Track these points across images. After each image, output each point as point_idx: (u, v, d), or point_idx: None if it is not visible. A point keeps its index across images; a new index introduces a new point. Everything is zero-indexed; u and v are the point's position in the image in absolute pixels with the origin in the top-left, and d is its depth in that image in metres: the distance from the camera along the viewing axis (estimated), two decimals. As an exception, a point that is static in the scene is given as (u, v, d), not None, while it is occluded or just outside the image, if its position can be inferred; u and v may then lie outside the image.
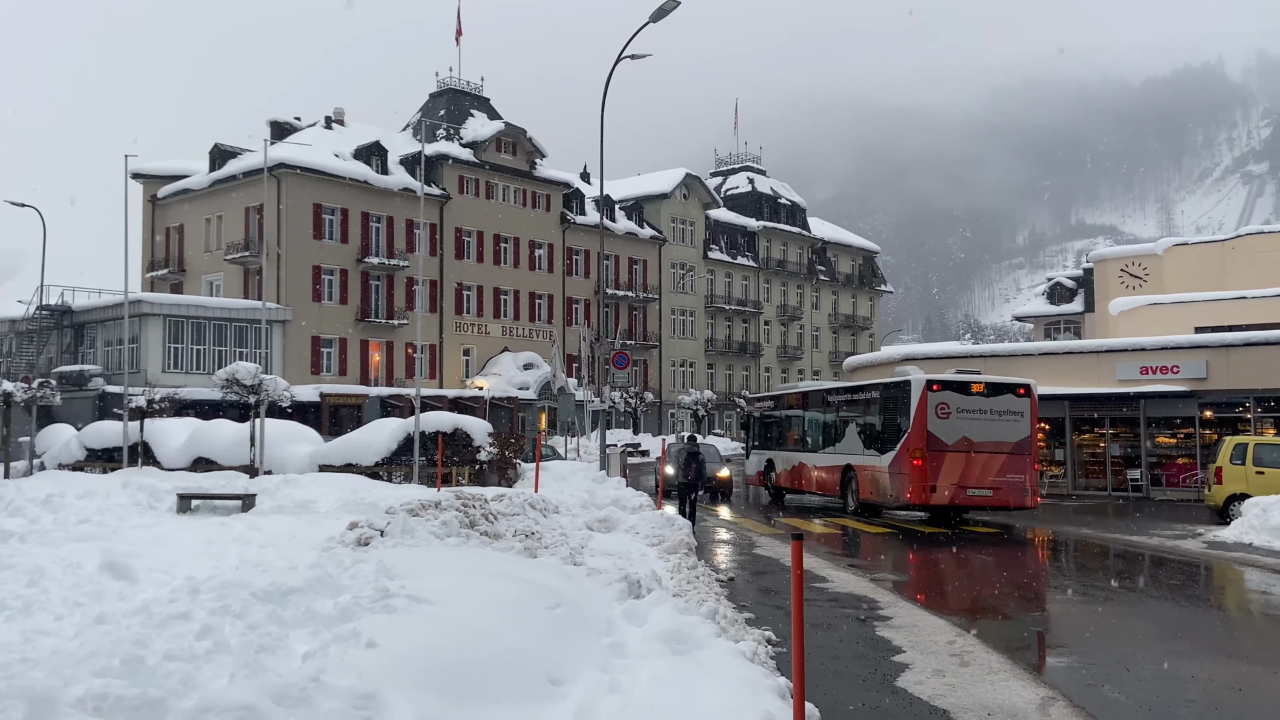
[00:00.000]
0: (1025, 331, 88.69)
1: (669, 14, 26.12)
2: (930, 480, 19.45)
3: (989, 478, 19.62)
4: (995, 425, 19.90)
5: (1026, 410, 20.14)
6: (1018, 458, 19.86)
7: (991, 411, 19.97)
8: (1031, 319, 69.19)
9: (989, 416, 19.92)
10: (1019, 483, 19.77)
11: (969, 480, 19.54)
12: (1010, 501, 19.85)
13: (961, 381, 20.37)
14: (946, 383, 20.28)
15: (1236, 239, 44.22)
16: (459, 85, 60.00)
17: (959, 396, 19.95)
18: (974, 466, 19.59)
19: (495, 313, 57.69)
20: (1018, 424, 20.02)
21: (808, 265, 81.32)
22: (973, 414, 19.85)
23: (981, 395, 20.06)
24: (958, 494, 19.55)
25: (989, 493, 19.65)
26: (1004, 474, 19.72)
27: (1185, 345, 29.10)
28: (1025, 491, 19.85)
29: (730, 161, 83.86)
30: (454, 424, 24.96)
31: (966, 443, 19.66)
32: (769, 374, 77.42)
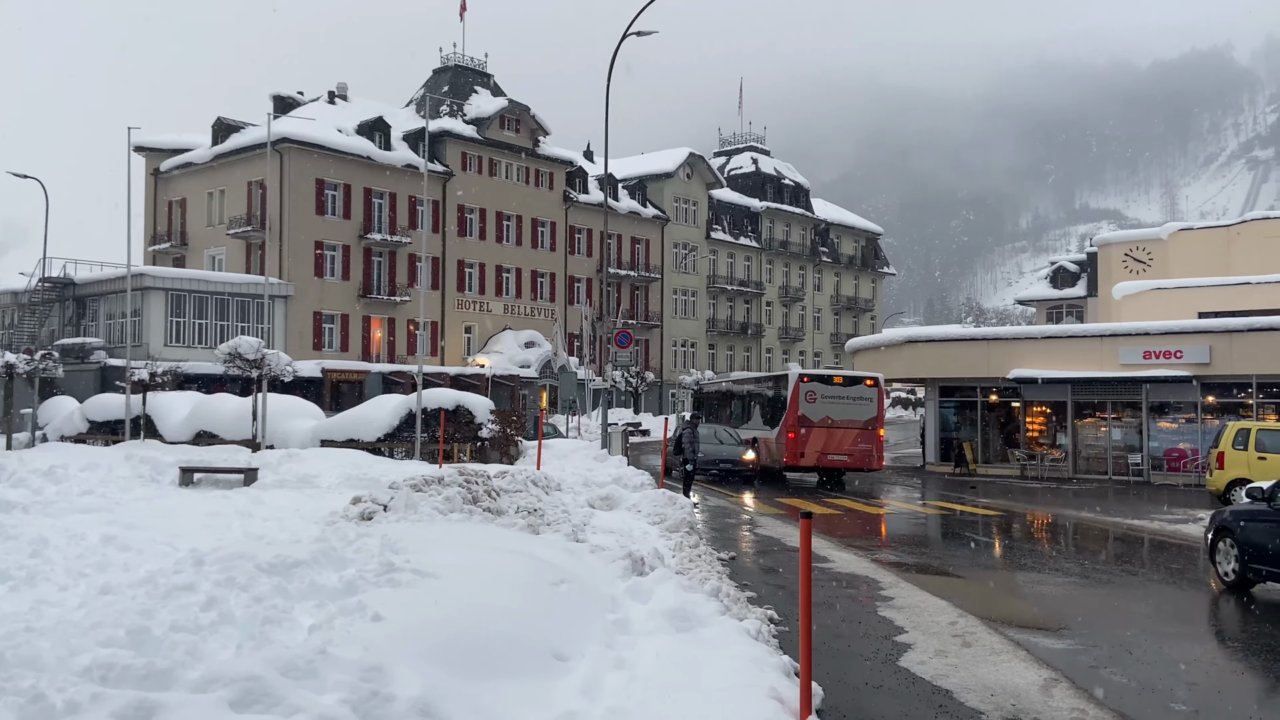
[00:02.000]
0: (1028, 315, 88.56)
1: (676, -9, 25.91)
2: (800, 448, 25.27)
3: (845, 447, 25.53)
4: (851, 407, 25.74)
5: (875, 397, 26.02)
6: (868, 432, 25.76)
7: (848, 398, 25.86)
8: (1034, 303, 69.14)
9: (846, 401, 25.77)
10: (868, 450, 25.68)
11: (830, 449, 25.39)
12: (861, 464, 25.74)
13: (825, 375, 27.18)
14: (814, 376, 26.76)
15: (1242, 224, 44.08)
16: (463, 61, 59.66)
17: (823, 386, 26.07)
18: (834, 438, 25.46)
19: (497, 290, 57.60)
20: (868, 406, 25.88)
21: (810, 246, 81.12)
22: (833, 399, 25.73)
23: (841, 385, 26.25)
24: (821, 458, 25.37)
25: (845, 458, 25.53)
26: (857, 444, 25.62)
27: (1189, 330, 29.05)
28: (873, 457, 25.78)
29: (734, 141, 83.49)
30: (456, 401, 24.96)
31: (829, 420, 25.51)
32: (770, 355, 77.40)
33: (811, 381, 26.08)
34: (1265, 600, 11.05)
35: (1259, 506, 11.55)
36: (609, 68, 27.52)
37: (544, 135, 59.67)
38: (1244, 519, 11.62)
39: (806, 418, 25.41)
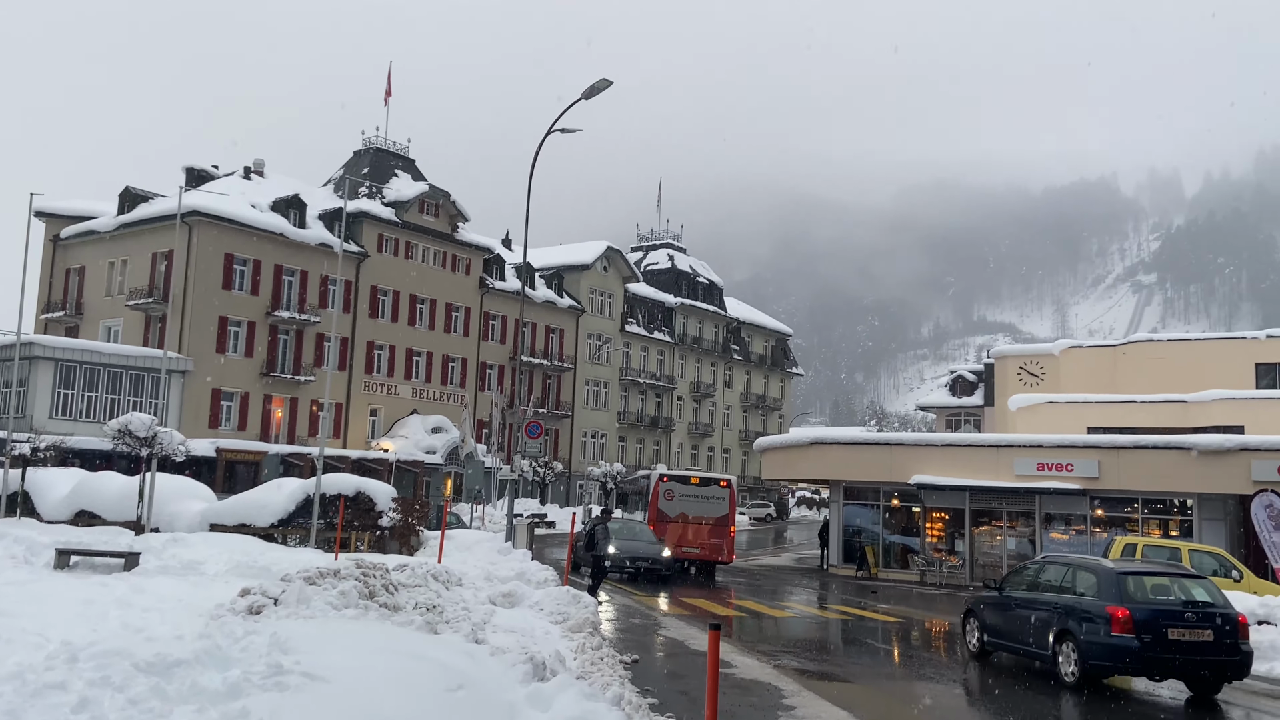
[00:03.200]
0: (928, 421, 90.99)
1: (601, 92, 26.61)
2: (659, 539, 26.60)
3: (698, 540, 28.03)
4: (705, 505, 28.54)
5: (726, 497, 28.86)
6: (720, 528, 28.34)
7: (702, 496, 28.71)
8: (934, 409, 71.16)
9: (700, 500, 28.58)
10: (719, 544, 28.16)
11: (684, 542, 27.67)
12: (713, 557, 28.01)
13: (683, 476, 30.22)
14: (673, 476, 29.74)
15: (1127, 345, 46.29)
16: (384, 145, 59.84)
17: (681, 485, 29.03)
18: (688, 532, 27.95)
19: (407, 373, 56.83)
20: (720, 505, 28.63)
21: (723, 344, 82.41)
22: (689, 497, 28.59)
23: (697, 485, 29.29)
24: (677, 550, 27.23)
25: (698, 550, 27.92)
26: (709, 539, 28.18)
27: (1079, 444, 30.14)
28: (723, 550, 28.26)
29: (652, 238, 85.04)
30: (357, 487, 24.28)
31: (684, 516, 28.21)
32: (680, 450, 77.66)
33: (670, 481, 29.17)
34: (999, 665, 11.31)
35: (993, 594, 14.71)
36: (532, 161, 27.91)
37: (463, 221, 59.90)
38: (983, 604, 14.90)
39: (664, 513, 28.21)
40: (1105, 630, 12.05)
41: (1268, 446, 27.29)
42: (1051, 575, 13.90)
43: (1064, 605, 12.94)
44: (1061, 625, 12.73)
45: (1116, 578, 12.55)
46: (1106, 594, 12.41)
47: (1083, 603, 12.67)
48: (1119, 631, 11.92)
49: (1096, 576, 12.86)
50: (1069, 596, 13.07)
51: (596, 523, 20.31)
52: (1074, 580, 13.28)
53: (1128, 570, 12.89)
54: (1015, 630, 13.82)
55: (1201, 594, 12.66)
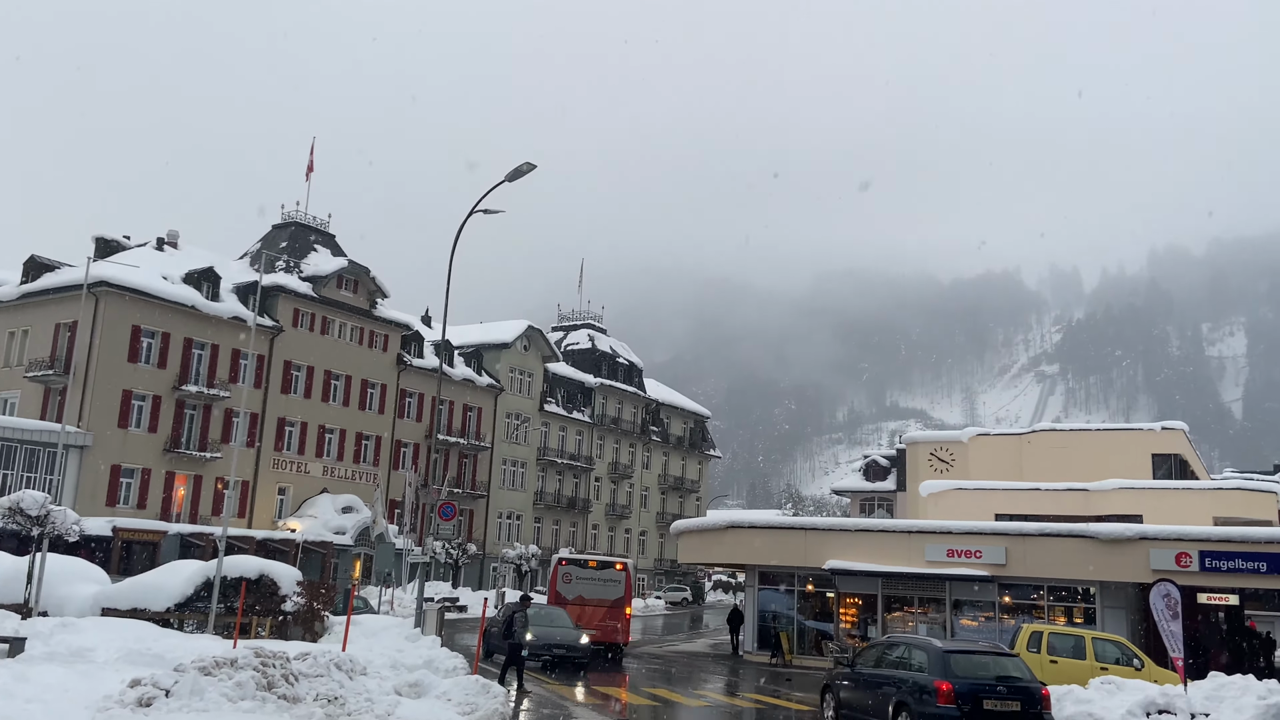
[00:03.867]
0: (842, 505, 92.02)
1: (524, 175, 26.95)
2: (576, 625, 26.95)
3: (594, 622, 28.38)
4: (601, 588, 29.48)
5: (622, 579, 29.80)
6: (615, 610, 29.18)
7: (599, 579, 29.66)
8: (849, 493, 72.08)
9: (597, 582, 29.55)
10: (615, 626, 28.86)
11: (581, 623, 27.42)
12: (608, 638, 28.49)
13: (581, 559, 31.07)
14: (571, 559, 30.83)
15: (1032, 433, 47.69)
16: (304, 219, 59.35)
17: (579, 569, 30.00)
18: (585, 614, 28.45)
19: (318, 451, 55.49)
20: (616, 587, 29.58)
21: (641, 425, 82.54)
22: (586, 580, 29.58)
23: (594, 569, 30.18)
24: None
25: (594, 632, 27.65)
26: (605, 620, 28.86)
27: (987, 532, 30.75)
28: (618, 632, 28.94)
29: (573, 318, 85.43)
30: (260, 569, 23.41)
31: (581, 599, 29.10)
32: (596, 531, 76.95)
33: (569, 564, 30.33)
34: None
35: (847, 670, 16.53)
36: (453, 241, 27.99)
37: (382, 298, 59.42)
38: (838, 679, 16.73)
39: (562, 595, 29.24)
40: (933, 702, 13.76)
41: (1165, 536, 28.23)
42: (894, 653, 15.82)
43: (901, 680, 14.73)
44: (900, 698, 14.41)
45: (943, 655, 14.43)
46: (935, 670, 14.20)
47: (916, 678, 14.46)
48: (943, 703, 13.62)
49: (927, 654, 14.70)
50: (906, 672, 14.86)
51: (515, 609, 19.88)
52: (910, 657, 15.14)
53: (953, 649, 14.88)
54: (863, 703, 15.64)
55: (1013, 670, 14.71)
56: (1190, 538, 27.93)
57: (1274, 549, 27.03)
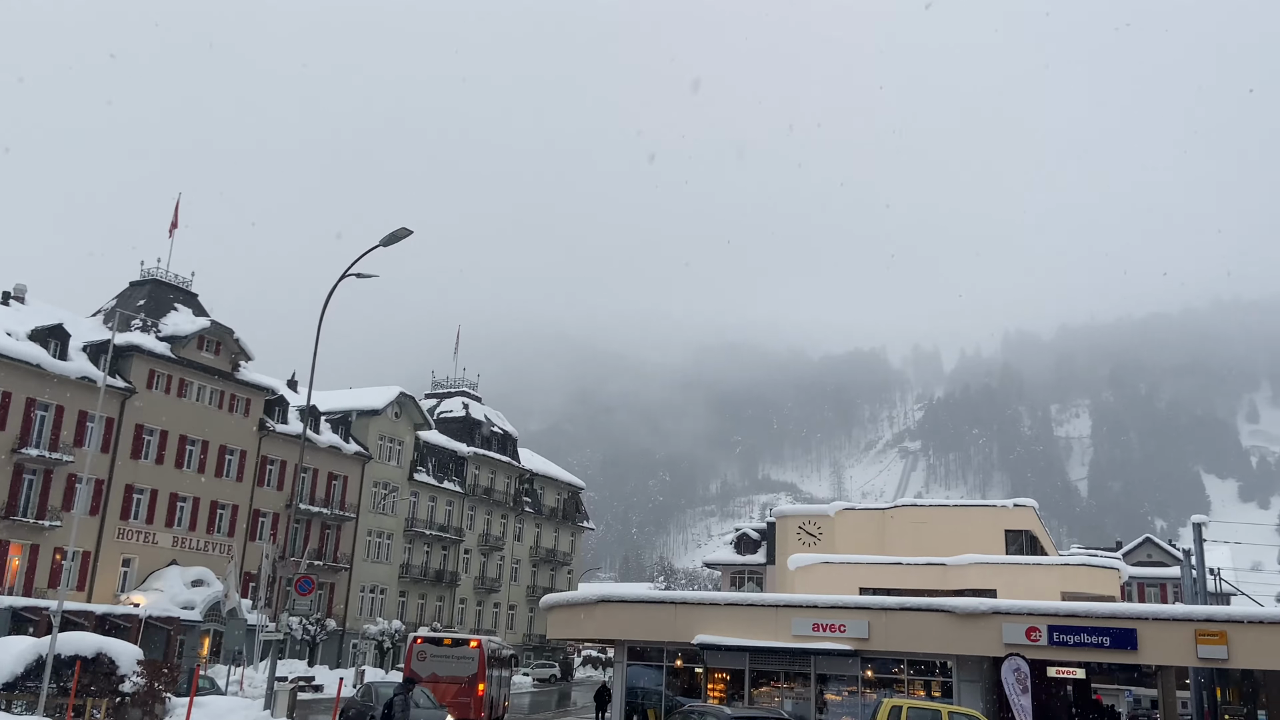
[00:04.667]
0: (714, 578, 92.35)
1: (400, 240, 26.72)
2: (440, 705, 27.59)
3: (448, 699, 29.23)
4: (455, 665, 30.62)
5: (476, 657, 31.04)
6: (469, 687, 30.27)
7: (453, 657, 30.83)
8: (720, 566, 72.47)
9: (451, 660, 30.71)
10: (467, 703, 29.81)
11: (436, 699, 27.67)
12: (463, 715, 29.19)
13: (437, 638, 32.44)
14: (427, 638, 32.16)
15: (894, 508, 49.09)
16: (165, 277, 57.10)
17: (434, 647, 31.22)
18: (439, 691, 29.25)
19: (169, 520, 52.63)
20: (470, 665, 30.82)
21: (514, 495, 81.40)
22: (441, 658, 30.76)
23: (449, 646, 31.37)
24: None
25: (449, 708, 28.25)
26: (458, 697, 29.89)
27: (851, 605, 31.28)
28: (471, 708, 29.75)
29: (447, 385, 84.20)
30: (97, 647, 21.94)
31: (435, 676, 30.12)
32: (464, 605, 74.99)
33: (424, 643, 31.58)
34: None
35: None
36: (324, 304, 27.44)
37: (246, 360, 57.37)
38: None
39: (417, 673, 29.51)
40: None
41: (1016, 610, 29.26)
42: None
43: None
44: None
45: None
46: None
47: None
48: None
49: None
50: None
51: (398, 692, 18.97)
52: None
53: (738, 715, 17.49)
54: None
55: None
56: (1039, 612, 29.01)
57: (1116, 624, 28.30)
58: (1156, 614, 28.82)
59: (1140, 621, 28.12)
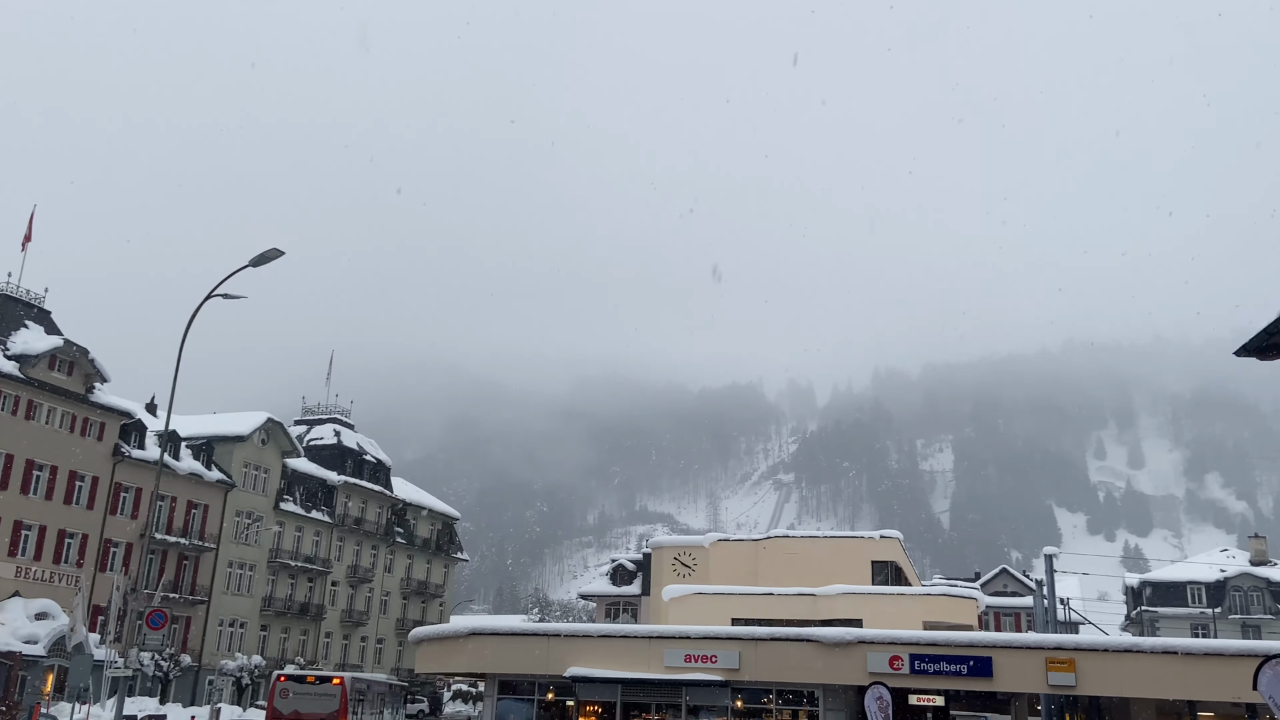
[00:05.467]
0: (589, 610, 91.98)
1: (271, 261, 25.99)
2: None
3: None
4: (317, 702, 31.85)
5: (338, 694, 32.29)
6: None
7: (316, 694, 32.08)
8: (595, 598, 72.23)
9: (314, 697, 31.92)
10: None
11: None
12: None
13: (300, 675, 34.52)
14: (290, 675, 34.15)
15: (767, 540, 50.02)
16: (14, 293, 53.91)
17: (297, 684, 32.89)
18: None
19: (11, 550, 49.34)
20: (331, 701, 32.00)
21: (386, 526, 79.38)
22: (304, 695, 32.06)
23: (312, 684, 32.99)
24: None
25: None
26: None
27: (722, 636, 31.69)
28: None
29: (319, 411, 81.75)
30: (-78, 689, 20.33)
31: (297, 714, 31.40)
32: (329, 639, 72.52)
33: (288, 680, 33.19)
34: None
35: None
36: (187, 325, 26.43)
37: (101, 382, 54.50)
38: None
39: (279, 711, 31.57)
40: None
41: (880, 639, 30.17)
42: None
43: None
44: None
45: None
46: None
47: None
48: None
49: None
50: None
51: None
52: None
53: None
54: None
55: None
56: (902, 641, 30.00)
57: (974, 652, 29.48)
58: (1011, 642, 30.15)
59: (996, 650, 29.36)
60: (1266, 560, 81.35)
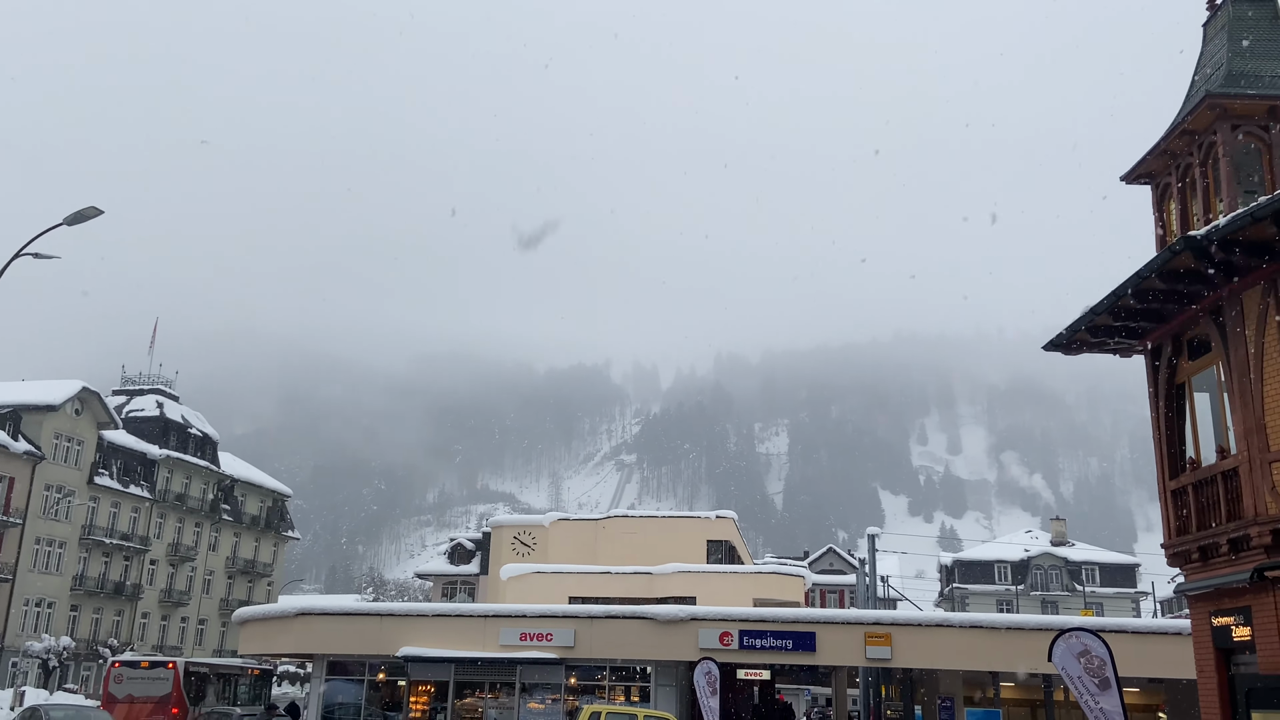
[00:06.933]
0: (425, 589, 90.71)
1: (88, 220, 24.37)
2: None
3: (144, 718, 32.02)
4: (151, 686, 33.02)
5: (171, 678, 33.35)
6: (163, 706, 32.55)
7: (149, 678, 33.36)
8: (432, 577, 71.36)
9: (147, 681, 33.22)
10: None
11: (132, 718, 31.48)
12: None
13: (134, 661, 35.56)
14: (125, 661, 35.18)
15: (607, 519, 50.62)
16: None
17: (130, 670, 33.96)
18: (134, 711, 32.05)
19: None
20: (164, 685, 33.09)
21: (212, 502, 75.88)
22: (138, 679, 33.23)
23: (145, 669, 34.03)
24: None
25: None
26: (153, 716, 32.36)
27: (558, 614, 31.92)
28: None
29: (140, 381, 77.26)
30: None
31: (131, 697, 32.75)
32: (147, 620, 68.93)
33: (122, 666, 34.15)
34: None
35: None
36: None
37: (-110, 343, 49.87)
38: None
39: (114, 695, 32.53)
40: None
41: (711, 616, 31.06)
42: None
43: None
44: None
45: None
46: None
47: None
48: None
49: None
50: None
51: None
52: None
53: None
54: None
55: None
56: (732, 618, 30.98)
57: (799, 628, 30.73)
58: (833, 618, 31.59)
59: (819, 625, 30.70)
60: (1065, 541, 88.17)
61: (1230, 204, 14.02)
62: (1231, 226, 12.07)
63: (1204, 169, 14.92)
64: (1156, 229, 16.43)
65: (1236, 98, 14.35)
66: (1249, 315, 12.92)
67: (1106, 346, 16.19)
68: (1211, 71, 15.35)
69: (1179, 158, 15.60)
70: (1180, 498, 14.57)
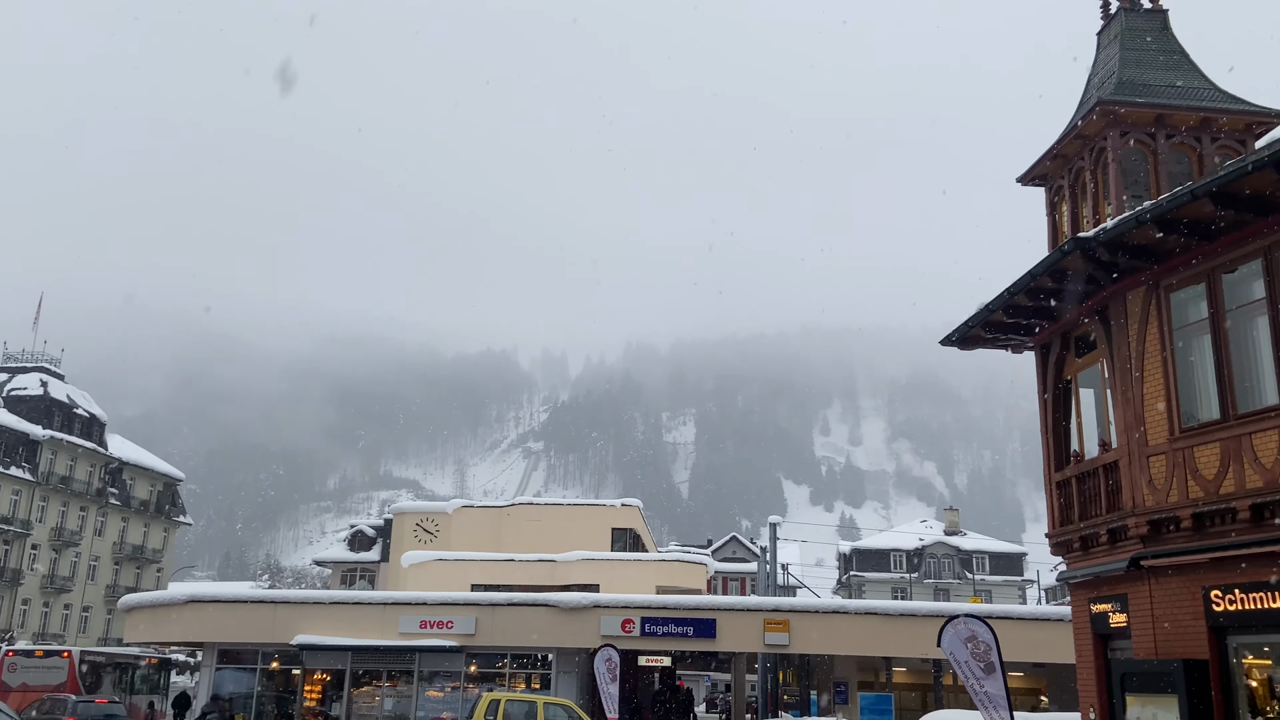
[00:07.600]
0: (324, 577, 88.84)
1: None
2: None
3: None
4: (46, 674, 33.35)
5: (66, 666, 33.78)
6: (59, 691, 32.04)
7: (44, 667, 33.74)
8: (331, 564, 70.01)
9: (43, 670, 33.65)
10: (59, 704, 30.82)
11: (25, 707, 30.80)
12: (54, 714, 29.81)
13: (29, 650, 36.57)
14: (19, 650, 36.22)
15: (512, 506, 50.29)
16: None
17: (24, 658, 34.63)
18: (30, 698, 31.31)
19: None
20: (60, 673, 33.45)
21: (99, 486, 72.92)
22: (33, 668, 33.83)
23: (40, 657, 34.75)
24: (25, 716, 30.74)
25: None
26: None
27: (459, 602, 31.63)
28: None
29: (23, 359, 73.67)
30: None
31: (25, 686, 32.59)
32: (28, 607, 65.93)
33: (16, 655, 34.68)
34: None
35: None
36: None
37: None
38: None
39: (7, 684, 32.74)
40: None
41: (613, 604, 31.17)
42: None
43: None
44: None
45: None
46: None
47: None
48: None
49: None
50: None
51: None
52: None
53: None
54: None
55: None
56: (634, 605, 31.15)
57: (700, 614, 31.07)
58: (733, 605, 31.98)
59: (720, 612, 31.08)
60: (958, 530, 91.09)
61: (1118, 207, 14.57)
62: (1118, 229, 12.55)
63: (1094, 173, 15.48)
64: (1049, 230, 17.00)
65: (1126, 105, 14.90)
66: (1132, 314, 13.45)
67: (1000, 342, 16.70)
68: (1104, 79, 15.92)
69: (1071, 161, 16.16)
70: (1064, 489, 15.13)
